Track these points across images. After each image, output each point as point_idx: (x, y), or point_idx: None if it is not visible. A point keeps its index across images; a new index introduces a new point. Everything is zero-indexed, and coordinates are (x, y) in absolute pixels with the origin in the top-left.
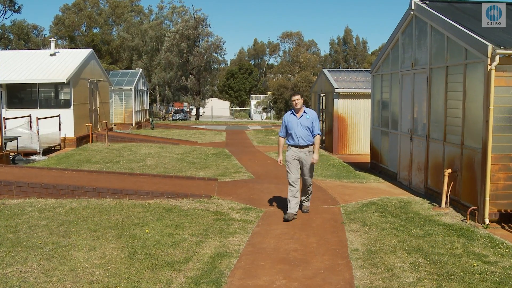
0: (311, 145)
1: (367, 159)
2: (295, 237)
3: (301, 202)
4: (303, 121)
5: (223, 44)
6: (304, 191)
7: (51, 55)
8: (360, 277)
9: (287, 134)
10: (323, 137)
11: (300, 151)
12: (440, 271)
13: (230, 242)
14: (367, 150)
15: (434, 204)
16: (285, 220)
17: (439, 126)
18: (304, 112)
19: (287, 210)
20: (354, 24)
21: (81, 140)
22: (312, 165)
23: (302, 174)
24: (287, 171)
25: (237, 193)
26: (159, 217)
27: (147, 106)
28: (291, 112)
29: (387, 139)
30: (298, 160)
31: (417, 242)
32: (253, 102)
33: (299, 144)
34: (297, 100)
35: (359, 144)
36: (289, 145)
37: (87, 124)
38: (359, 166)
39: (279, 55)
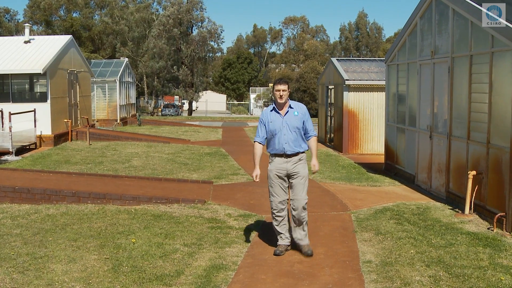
0: (302, 152)
1: (381, 159)
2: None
3: (296, 241)
4: (291, 119)
5: (222, 32)
6: (298, 220)
7: (26, 42)
8: None
9: (267, 139)
10: (332, 135)
11: (287, 162)
12: (463, 285)
13: (227, 253)
14: (381, 149)
15: (457, 210)
16: (276, 255)
17: (462, 122)
18: (290, 107)
19: (277, 241)
20: (365, 8)
21: (59, 138)
22: (306, 178)
23: (292, 193)
24: (270, 193)
25: (235, 198)
26: (147, 224)
27: (133, 100)
28: (272, 108)
29: (404, 137)
30: (285, 177)
31: (437, 253)
32: (252, 95)
33: (285, 153)
34: (283, 91)
35: (372, 142)
36: (271, 154)
37: (66, 120)
38: (372, 167)
39: (281, 43)
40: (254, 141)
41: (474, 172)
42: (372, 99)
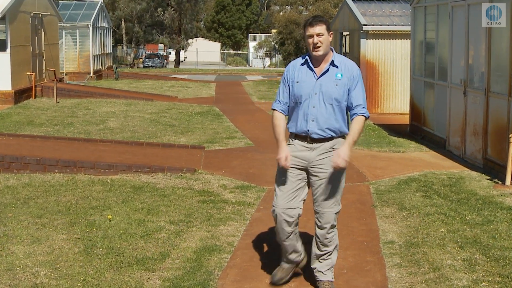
0: (337, 137)
1: (406, 120)
2: (308, 225)
3: (314, 272)
4: (328, 85)
5: None
6: (321, 243)
7: None
8: (397, 279)
9: (291, 108)
10: None
11: (311, 150)
12: (503, 271)
13: (221, 232)
14: (405, 108)
15: (496, 180)
16: (274, 283)
17: (502, 75)
18: (333, 64)
19: (281, 261)
20: None
21: (21, 94)
22: (339, 177)
23: (315, 200)
24: (275, 192)
25: (231, 166)
26: (126, 198)
27: (109, 49)
28: (303, 61)
29: (433, 94)
30: (304, 170)
31: (472, 232)
32: (252, 44)
33: (309, 135)
34: (318, 36)
35: (395, 100)
36: (290, 133)
37: (29, 73)
38: (394, 129)
39: None
40: (272, 109)
41: None
42: (395, 48)
